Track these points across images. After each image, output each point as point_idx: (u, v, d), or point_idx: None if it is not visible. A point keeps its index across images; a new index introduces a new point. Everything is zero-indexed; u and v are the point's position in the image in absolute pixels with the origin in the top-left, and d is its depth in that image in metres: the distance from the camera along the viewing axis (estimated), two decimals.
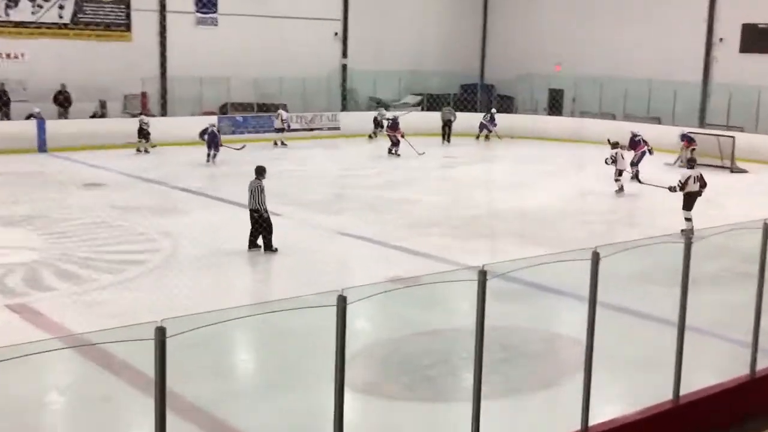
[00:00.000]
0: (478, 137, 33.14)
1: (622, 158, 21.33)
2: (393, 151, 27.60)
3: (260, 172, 14.31)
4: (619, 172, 21.22)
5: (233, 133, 29.49)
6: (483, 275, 6.11)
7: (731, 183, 24.02)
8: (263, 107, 31.84)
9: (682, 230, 15.36)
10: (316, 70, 33.68)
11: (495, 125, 32.92)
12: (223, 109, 31.26)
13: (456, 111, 33.10)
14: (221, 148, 24.74)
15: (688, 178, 16.62)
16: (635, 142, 24.12)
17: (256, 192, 14.03)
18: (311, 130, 32.19)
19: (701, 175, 16.88)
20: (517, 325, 11.06)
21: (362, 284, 5.90)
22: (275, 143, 29.58)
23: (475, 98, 36.32)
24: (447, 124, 32.40)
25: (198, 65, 30.31)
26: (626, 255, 6.93)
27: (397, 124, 28.03)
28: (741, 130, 28.71)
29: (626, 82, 32.76)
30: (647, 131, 30.95)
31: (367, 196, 20.29)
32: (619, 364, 9.52)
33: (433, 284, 12.57)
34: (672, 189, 16.88)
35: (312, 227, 16.51)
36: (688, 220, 16.44)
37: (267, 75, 31.83)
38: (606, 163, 21.42)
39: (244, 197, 14.56)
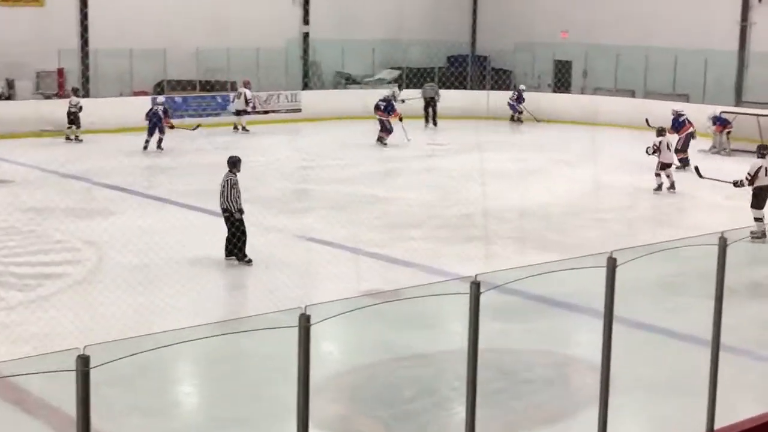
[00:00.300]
0: (512, 118, 33.82)
1: (668, 149, 20.85)
2: (383, 141, 27.50)
3: (234, 163, 14.34)
4: (662, 166, 20.75)
5: (171, 116, 29.37)
6: (476, 287, 6.11)
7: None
8: (208, 85, 31.78)
9: (752, 232, 14.96)
10: (272, 39, 33.62)
11: (521, 103, 33.55)
12: (159, 88, 31.14)
13: (442, 88, 33.25)
14: (173, 130, 24.88)
15: (759, 169, 16.45)
16: (680, 123, 24.35)
17: (227, 187, 14.06)
18: (266, 112, 32.14)
19: None
20: (519, 347, 11.11)
21: (330, 300, 5.88)
22: (235, 127, 29.62)
23: (465, 72, 36.43)
24: (430, 104, 32.56)
25: (127, 35, 30.13)
26: (649, 260, 6.96)
27: (393, 106, 27.96)
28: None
29: (647, 51, 32.92)
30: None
31: (335, 192, 20.28)
32: (642, 391, 9.59)
33: (416, 299, 12.59)
34: (738, 184, 16.71)
35: (269, 230, 16.46)
36: (759, 220, 16.12)
37: (212, 46, 31.71)
38: (647, 153, 20.95)
39: (189, 194, 14.54)
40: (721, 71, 31.94)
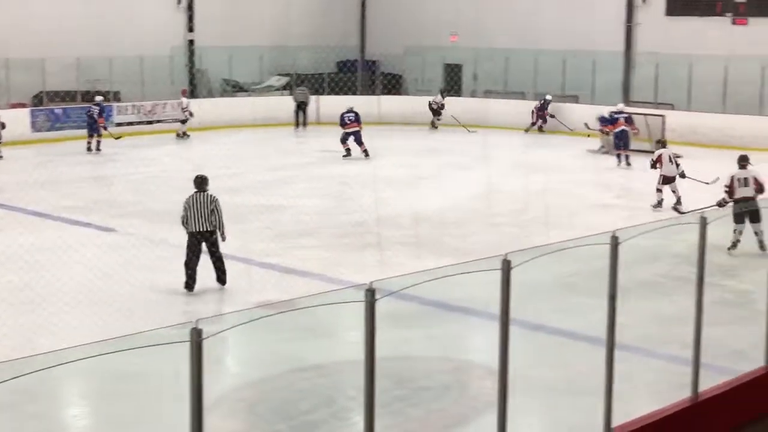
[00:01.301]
0: (540, 128, 32.65)
1: (670, 161, 19.46)
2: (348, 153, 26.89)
3: (206, 181, 13.84)
4: (665, 180, 19.48)
5: (50, 129, 28.77)
6: (371, 294, 6.11)
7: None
8: (89, 96, 31.17)
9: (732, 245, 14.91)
10: (156, 47, 33.15)
11: (545, 113, 32.42)
12: (36, 100, 30.41)
13: (331, 94, 33.33)
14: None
15: (732, 179, 15.67)
16: (613, 120, 25.86)
17: (217, 209, 13.54)
18: (151, 123, 31.69)
19: (755, 177, 15.82)
20: (417, 353, 11.15)
21: (222, 312, 5.81)
22: (178, 134, 30.23)
23: (355, 78, 36.52)
24: (300, 107, 32.99)
25: (2, 45, 29.37)
26: (544, 261, 7.05)
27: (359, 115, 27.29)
28: (671, 107, 29.82)
29: (536, 54, 33.53)
30: (561, 111, 31.97)
31: (225, 202, 19.89)
32: (541, 392, 9.72)
33: (312, 308, 12.54)
34: (722, 203, 15.76)
35: (157, 244, 16.22)
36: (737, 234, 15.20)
37: (93, 55, 31.11)
38: (653, 167, 19.82)
39: (74, 210, 14.17)
40: (609, 72, 32.70)
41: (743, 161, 15.95)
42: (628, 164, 25.24)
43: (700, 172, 23.63)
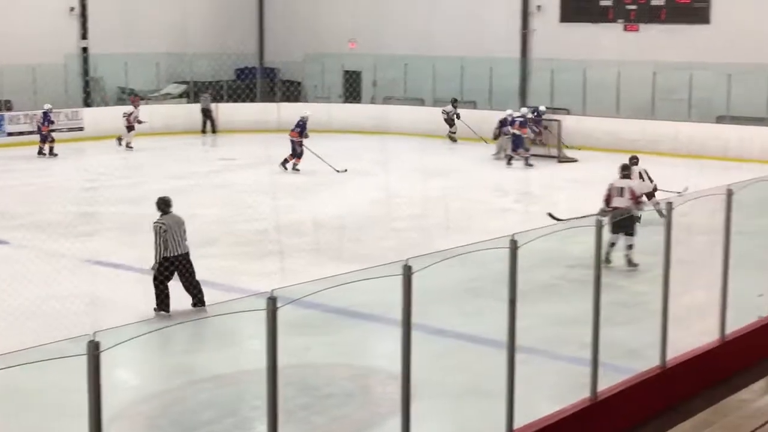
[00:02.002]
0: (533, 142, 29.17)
1: (641, 178, 17.78)
2: (290, 165, 25.59)
3: (171, 203, 13.28)
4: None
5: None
6: (273, 302, 6.08)
7: (560, 174, 25.33)
8: None
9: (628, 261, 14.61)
10: (49, 55, 32.44)
11: (539, 124, 29.44)
12: None
13: (230, 101, 33.16)
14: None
15: (609, 188, 15.22)
16: (509, 123, 26.48)
17: (181, 230, 12.92)
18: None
19: (631, 188, 15.21)
20: (320, 361, 11.14)
21: (121, 324, 5.71)
22: (119, 141, 29.78)
23: (254, 85, 36.32)
24: (205, 114, 33.02)
25: None
26: (444, 266, 7.10)
27: (306, 129, 25.90)
28: (567, 112, 30.35)
29: (434, 60, 33.80)
30: (463, 118, 32.26)
31: (123, 213, 19.78)
32: (444, 397, 9.80)
33: (213, 318, 12.45)
34: (602, 211, 14.90)
35: (52, 255, 15.88)
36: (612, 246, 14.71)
37: None
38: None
39: None
40: (506, 78, 33.13)
41: (625, 170, 15.58)
42: (530, 165, 25.83)
43: (596, 175, 24.12)
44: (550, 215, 17.85)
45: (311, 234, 17.80)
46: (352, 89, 36.87)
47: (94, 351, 5.27)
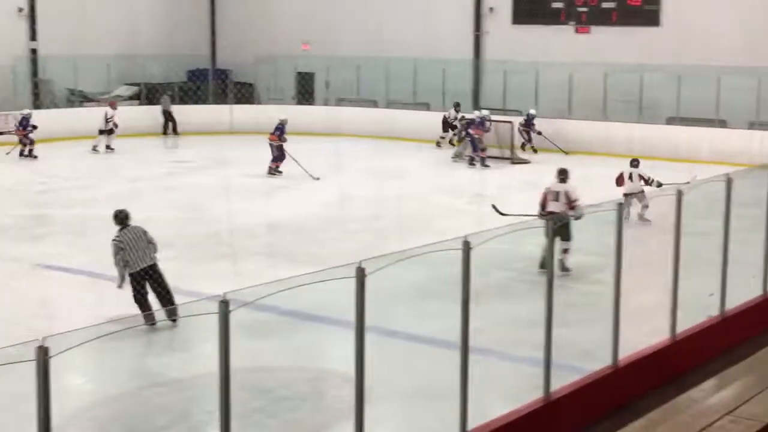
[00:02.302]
0: (522, 147, 29.38)
1: (630, 179, 19.35)
2: (276, 170, 24.98)
3: (127, 216, 12.77)
4: (625, 195, 18.86)
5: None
6: (225, 306, 6.06)
7: (513, 176, 25.48)
8: None
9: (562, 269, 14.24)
10: None
11: (532, 129, 29.38)
12: None
13: (182, 104, 32.98)
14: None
15: (546, 192, 14.95)
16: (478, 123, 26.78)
17: (144, 241, 12.52)
18: None
19: (567, 192, 14.91)
20: (274, 364, 11.11)
21: (71, 329, 5.66)
22: (94, 148, 29.26)
23: (206, 87, 36.15)
24: (166, 115, 32.94)
25: None
26: (398, 267, 7.12)
27: (284, 132, 25.35)
28: (519, 113, 30.52)
29: (387, 62, 33.87)
30: (414, 119, 32.41)
31: (75, 215, 19.61)
32: (398, 398, 9.82)
33: (166, 322, 12.38)
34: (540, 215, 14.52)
35: (2, 260, 15.71)
36: (566, 251, 14.45)
37: None
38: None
39: None
40: (459, 79, 33.27)
41: (562, 174, 15.18)
42: (486, 166, 26.03)
43: (548, 177, 24.29)
44: (494, 207, 17.91)
45: (265, 236, 17.76)
46: (305, 91, 36.81)
47: (43, 356, 5.22)
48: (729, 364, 9.49)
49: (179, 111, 33.43)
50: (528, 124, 29.40)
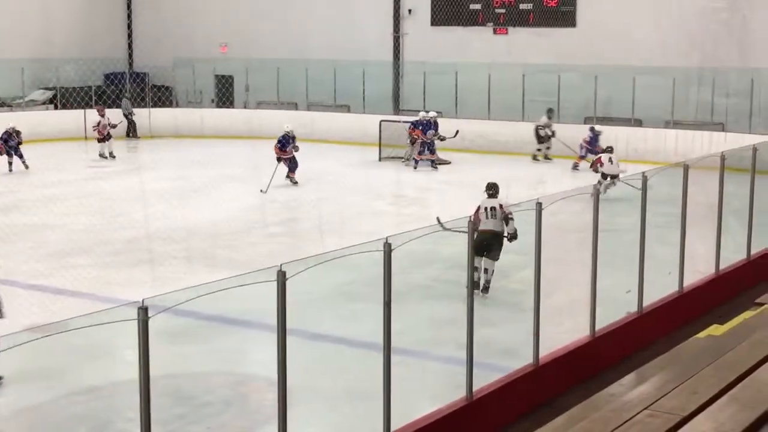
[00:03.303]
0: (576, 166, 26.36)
1: (611, 162, 21.10)
2: (290, 179, 23.72)
3: None
4: (603, 176, 20.78)
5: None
6: (144, 312, 5.99)
7: (434, 177, 25.61)
8: None
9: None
10: None
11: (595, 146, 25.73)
12: None
13: (105, 107, 32.53)
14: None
15: (478, 209, 13.65)
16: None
17: None
18: None
19: (501, 205, 13.72)
20: (197, 369, 11.01)
21: None
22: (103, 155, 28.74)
23: (124, 90, 35.71)
24: (127, 118, 33.05)
25: None
26: (320, 270, 7.11)
27: (287, 144, 23.84)
28: (440, 114, 30.69)
29: (307, 64, 33.82)
30: (336, 122, 32.41)
31: None
32: (322, 401, 9.81)
33: (84, 330, 12.15)
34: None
35: None
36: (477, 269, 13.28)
37: None
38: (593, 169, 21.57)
39: None
40: (379, 81, 33.35)
41: (491, 189, 14.05)
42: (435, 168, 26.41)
43: (468, 177, 24.51)
44: (438, 221, 17.88)
45: (184, 241, 17.58)
46: (224, 94, 36.58)
47: None
48: (647, 359, 9.65)
49: (95, 116, 32.91)
50: (592, 141, 26.06)
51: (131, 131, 33.50)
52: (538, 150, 28.41)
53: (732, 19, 28.17)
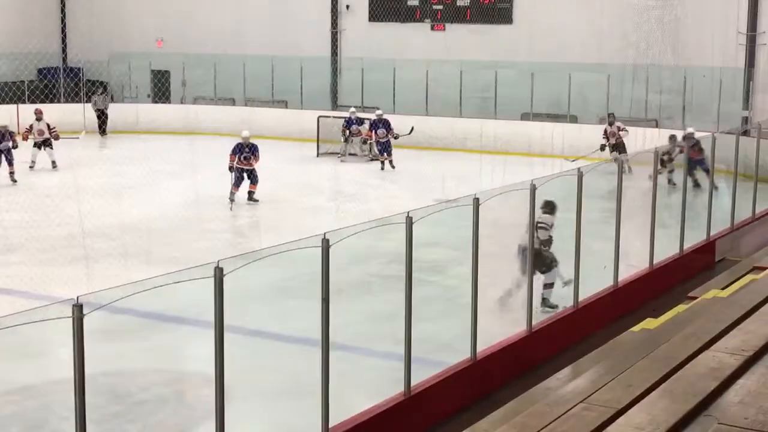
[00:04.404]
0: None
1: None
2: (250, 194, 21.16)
3: None
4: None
5: None
6: (79, 309, 5.92)
7: (372, 173, 25.63)
8: None
9: None
10: None
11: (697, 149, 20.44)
12: None
13: (35, 102, 31.95)
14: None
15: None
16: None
17: None
18: None
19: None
20: (133, 367, 10.93)
21: None
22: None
23: (58, 85, 35.20)
24: (99, 114, 32.55)
25: None
26: (258, 266, 7.09)
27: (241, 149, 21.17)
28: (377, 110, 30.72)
29: (244, 59, 33.62)
30: (274, 117, 32.29)
31: None
32: (260, 397, 9.79)
33: (16, 328, 11.99)
34: None
35: None
36: None
37: None
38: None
39: None
40: (317, 77, 33.28)
41: (546, 207, 12.62)
42: (393, 167, 25.93)
43: (404, 172, 24.63)
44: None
45: (119, 238, 17.40)
46: (160, 89, 36.24)
47: None
48: (583, 352, 9.77)
49: (29, 110, 32.41)
50: (693, 145, 20.08)
51: (102, 128, 32.75)
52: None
53: (665, 17, 28.60)
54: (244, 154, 20.90)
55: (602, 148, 24.63)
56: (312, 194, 22.42)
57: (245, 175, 20.91)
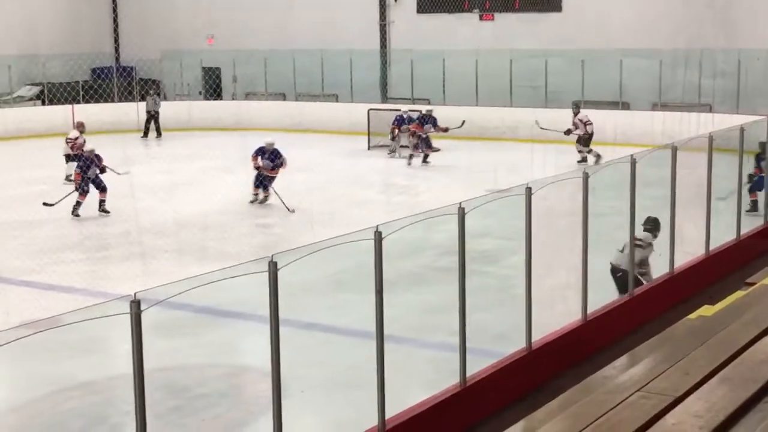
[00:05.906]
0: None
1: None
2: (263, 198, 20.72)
3: None
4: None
5: None
6: (136, 306, 5.98)
7: (424, 165, 25.60)
8: None
9: None
10: None
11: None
12: None
13: (90, 102, 32.40)
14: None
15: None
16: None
17: None
18: None
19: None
20: (190, 362, 11.02)
21: None
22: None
23: (111, 84, 35.61)
24: (151, 116, 32.46)
25: None
26: (311, 260, 7.10)
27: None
28: (428, 102, 30.69)
29: (294, 54, 33.75)
30: (325, 111, 32.37)
31: None
32: (316, 390, 9.82)
33: (77, 324, 12.15)
34: None
35: None
36: None
37: None
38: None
39: None
40: (366, 70, 33.32)
41: (649, 224, 12.21)
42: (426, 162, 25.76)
43: (458, 164, 24.55)
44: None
45: (174, 234, 17.56)
46: (211, 86, 36.50)
47: None
48: (639, 341, 9.67)
49: (83, 110, 32.84)
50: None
51: (157, 129, 32.74)
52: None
53: (716, 0, 28.21)
54: (264, 159, 20.48)
55: (567, 132, 25.37)
56: (364, 187, 22.45)
57: (263, 180, 20.36)
